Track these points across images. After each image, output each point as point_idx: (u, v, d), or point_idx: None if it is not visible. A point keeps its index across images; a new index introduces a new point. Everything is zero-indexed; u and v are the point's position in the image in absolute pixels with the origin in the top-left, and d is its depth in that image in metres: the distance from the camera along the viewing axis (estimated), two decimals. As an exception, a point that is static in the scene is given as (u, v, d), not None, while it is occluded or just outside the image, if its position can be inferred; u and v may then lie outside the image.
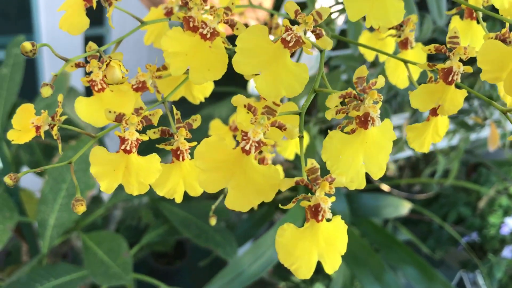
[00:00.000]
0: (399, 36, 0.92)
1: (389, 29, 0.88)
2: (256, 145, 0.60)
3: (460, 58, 0.70)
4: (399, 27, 0.88)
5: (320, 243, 0.62)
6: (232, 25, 0.76)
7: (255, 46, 0.69)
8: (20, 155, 2.15)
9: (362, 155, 0.65)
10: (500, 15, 0.76)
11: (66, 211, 1.98)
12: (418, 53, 0.90)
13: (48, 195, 1.98)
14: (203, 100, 0.90)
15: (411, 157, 2.91)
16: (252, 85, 1.84)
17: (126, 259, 1.91)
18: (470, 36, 0.90)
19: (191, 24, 0.75)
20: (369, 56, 1.03)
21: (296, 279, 2.75)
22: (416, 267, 2.15)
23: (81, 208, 0.66)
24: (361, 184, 0.73)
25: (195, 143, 0.73)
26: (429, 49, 0.71)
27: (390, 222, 2.84)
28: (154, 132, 0.73)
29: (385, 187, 3.00)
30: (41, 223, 1.97)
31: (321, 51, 0.77)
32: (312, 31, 0.70)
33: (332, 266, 0.63)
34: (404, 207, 2.30)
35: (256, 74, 0.71)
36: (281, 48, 0.69)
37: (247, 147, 0.60)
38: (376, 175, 0.74)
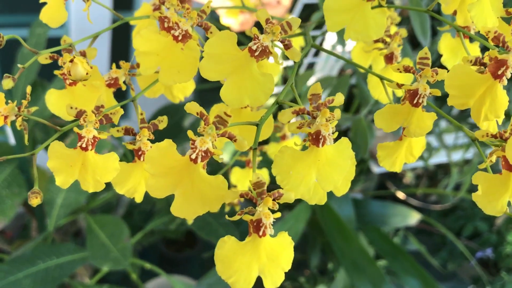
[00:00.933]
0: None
1: (375, 42, 0.86)
2: (203, 154, 0.60)
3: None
4: (386, 41, 0.86)
5: (261, 258, 0.61)
6: (206, 28, 0.76)
7: (223, 53, 0.68)
8: (35, 133, 2.19)
9: (315, 173, 0.63)
10: (482, 39, 0.73)
11: (74, 191, 2.01)
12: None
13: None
14: (182, 99, 0.90)
15: (427, 167, 2.86)
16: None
17: (126, 245, 1.93)
18: (461, 55, 0.87)
19: (165, 25, 0.75)
20: (361, 63, 1.00)
21: (301, 279, 2.74)
22: (419, 278, 2.12)
23: (35, 201, 0.67)
24: (322, 200, 0.72)
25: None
26: (398, 68, 0.69)
27: (402, 231, 2.80)
28: (118, 131, 0.73)
29: (400, 194, 2.95)
30: (48, 202, 2.01)
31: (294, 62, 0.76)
32: (281, 42, 0.69)
33: (273, 282, 0.62)
34: (413, 218, 2.26)
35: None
36: (248, 56, 0.68)
37: (193, 156, 0.60)
38: (338, 193, 0.73)
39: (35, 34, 2.15)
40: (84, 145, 0.67)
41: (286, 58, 0.79)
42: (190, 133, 0.60)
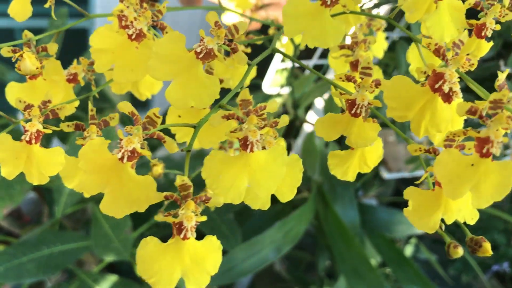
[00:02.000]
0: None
1: (341, 48, 0.84)
2: (129, 154, 0.60)
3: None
4: (352, 47, 0.85)
5: (184, 260, 0.61)
6: (161, 28, 0.76)
7: (171, 53, 0.69)
8: (48, 123, 2.24)
9: (247, 178, 0.63)
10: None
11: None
12: (375, 76, 0.86)
13: (67, 164, 2.04)
14: (149, 97, 0.91)
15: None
16: (266, 84, 1.83)
17: (127, 236, 1.96)
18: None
19: (123, 23, 0.76)
20: (338, 70, 0.99)
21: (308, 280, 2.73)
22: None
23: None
24: (265, 205, 0.71)
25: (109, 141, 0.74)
26: (340, 77, 0.67)
27: (414, 239, 2.75)
28: (68, 126, 0.74)
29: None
30: (57, 190, 2.05)
31: (249, 64, 0.76)
32: (228, 45, 0.69)
33: (197, 285, 0.62)
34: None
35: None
36: (194, 58, 0.68)
37: (119, 155, 0.60)
38: (282, 198, 0.73)
39: (54, 25, 2.21)
40: (28, 139, 0.68)
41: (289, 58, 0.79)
42: (119, 133, 0.61)
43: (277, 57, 1.71)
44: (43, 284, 2.39)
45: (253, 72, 1.00)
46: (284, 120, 0.71)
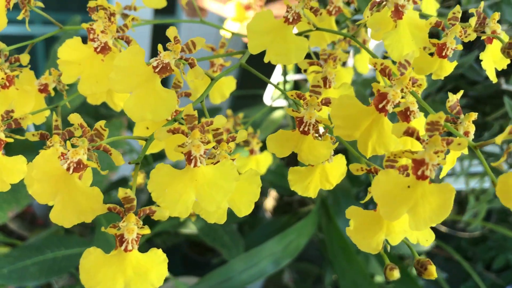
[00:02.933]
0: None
1: (311, 65, 0.85)
2: (75, 165, 0.62)
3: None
4: (322, 64, 0.85)
5: (127, 272, 0.62)
6: (127, 41, 0.77)
7: (130, 67, 0.70)
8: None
9: (194, 192, 0.63)
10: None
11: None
12: (341, 93, 0.86)
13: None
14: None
15: (460, 191, 2.75)
16: (268, 95, 1.83)
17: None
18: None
19: (91, 36, 0.78)
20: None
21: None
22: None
23: None
24: (220, 219, 0.72)
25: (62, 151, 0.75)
26: (292, 95, 0.68)
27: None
28: (33, 135, 0.76)
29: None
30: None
31: (212, 79, 0.77)
32: (185, 60, 0.70)
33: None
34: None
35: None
36: (152, 72, 0.69)
37: (65, 166, 0.62)
38: (239, 213, 0.73)
39: (66, 33, 2.26)
40: (-12, 147, 0.70)
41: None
42: (68, 144, 0.62)
43: (278, 69, 1.71)
44: (50, 286, 2.42)
45: (232, 85, 1.01)
46: (242, 135, 0.71)
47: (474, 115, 0.65)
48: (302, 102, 0.66)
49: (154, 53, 2.68)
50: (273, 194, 2.92)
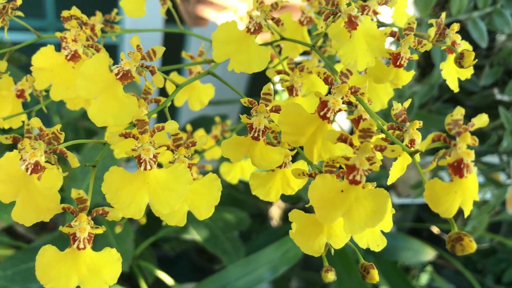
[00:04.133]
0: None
1: (278, 73, 0.87)
2: (33, 167, 0.65)
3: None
4: (288, 73, 0.87)
5: (81, 269, 0.65)
6: (96, 49, 0.81)
7: (95, 74, 0.73)
8: (67, 134, 2.35)
9: (147, 195, 0.66)
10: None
11: (92, 192, 2.13)
12: (309, 101, 0.88)
13: (79, 174, 2.13)
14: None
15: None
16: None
17: (128, 248, 2.01)
18: (378, 89, 0.87)
19: (63, 44, 0.81)
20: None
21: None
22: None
23: None
24: (181, 222, 0.75)
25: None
26: (245, 102, 0.70)
27: (429, 267, 2.69)
28: (6, 138, 0.80)
29: (435, 229, 2.84)
30: (69, 199, 2.13)
31: (177, 86, 0.79)
32: (146, 67, 0.73)
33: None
34: (427, 254, 2.17)
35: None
36: (114, 79, 0.72)
37: (23, 167, 0.65)
38: (200, 216, 0.76)
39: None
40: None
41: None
42: (27, 147, 0.65)
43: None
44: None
45: (210, 92, 1.04)
46: (202, 141, 0.74)
47: (418, 124, 0.66)
48: (253, 109, 0.69)
49: (165, 60, 2.74)
50: (278, 202, 2.93)
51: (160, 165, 0.70)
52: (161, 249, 2.87)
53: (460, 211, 0.58)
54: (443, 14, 0.80)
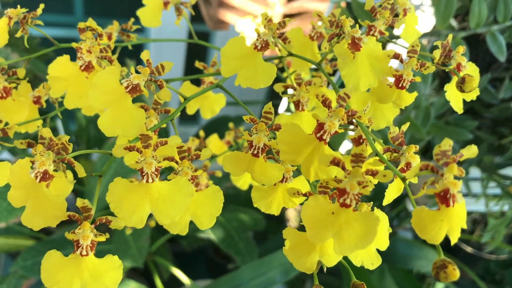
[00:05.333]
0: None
1: (286, 88, 0.89)
2: (42, 175, 0.68)
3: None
4: (295, 88, 0.89)
5: (83, 274, 0.68)
6: (110, 60, 0.84)
7: (106, 85, 0.76)
8: (89, 130, 2.40)
9: (149, 206, 0.69)
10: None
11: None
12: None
13: (98, 169, 2.18)
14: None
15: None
16: (282, 107, 1.87)
17: (144, 244, 2.05)
18: (382, 109, 0.88)
19: (78, 55, 0.84)
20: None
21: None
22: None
23: None
24: (183, 231, 0.77)
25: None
26: (247, 119, 0.72)
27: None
28: (21, 143, 0.83)
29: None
30: (89, 193, 2.19)
31: (185, 98, 0.82)
32: (154, 81, 0.76)
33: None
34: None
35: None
36: (124, 92, 0.75)
37: (32, 175, 0.68)
38: (201, 226, 0.78)
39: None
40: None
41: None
42: (38, 156, 0.69)
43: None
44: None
45: (222, 102, 1.06)
46: (206, 154, 0.76)
47: (414, 148, 0.67)
48: (254, 126, 0.71)
49: (187, 66, 2.77)
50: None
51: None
52: (178, 244, 2.91)
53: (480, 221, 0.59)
54: (450, 36, 0.81)
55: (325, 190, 0.63)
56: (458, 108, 0.80)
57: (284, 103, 1.88)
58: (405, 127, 0.70)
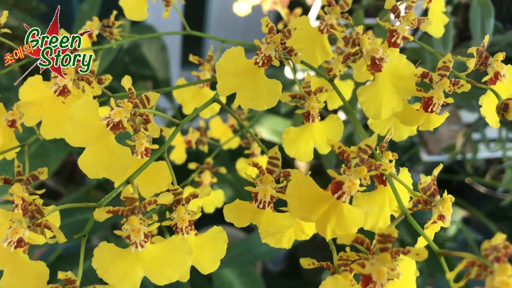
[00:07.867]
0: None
1: (293, 97, 0.77)
2: (15, 244, 0.59)
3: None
4: (304, 98, 0.77)
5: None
6: (88, 82, 0.73)
7: (85, 119, 0.66)
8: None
9: (141, 269, 0.60)
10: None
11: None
12: (328, 126, 0.78)
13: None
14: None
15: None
16: (288, 71, 1.74)
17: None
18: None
19: (52, 75, 0.73)
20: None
21: None
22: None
23: None
24: (184, 278, 0.69)
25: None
26: (249, 163, 0.62)
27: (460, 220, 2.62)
28: (-4, 180, 0.74)
29: (468, 179, 2.75)
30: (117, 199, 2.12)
31: (178, 125, 0.71)
32: (140, 115, 0.65)
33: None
34: (456, 214, 2.10)
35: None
36: (104, 128, 0.65)
37: (5, 245, 0.59)
38: (204, 271, 0.70)
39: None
40: None
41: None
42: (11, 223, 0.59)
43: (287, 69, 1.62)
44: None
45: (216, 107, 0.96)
46: (205, 192, 0.67)
47: (449, 199, 0.57)
48: (260, 176, 0.60)
49: (184, 57, 2.61)
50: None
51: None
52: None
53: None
54: (487, 37, 0.68)
55: (346, 263, 0.54)
56: (495, 123, 0.68)
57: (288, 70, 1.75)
58: (436, 171, 0.59)
